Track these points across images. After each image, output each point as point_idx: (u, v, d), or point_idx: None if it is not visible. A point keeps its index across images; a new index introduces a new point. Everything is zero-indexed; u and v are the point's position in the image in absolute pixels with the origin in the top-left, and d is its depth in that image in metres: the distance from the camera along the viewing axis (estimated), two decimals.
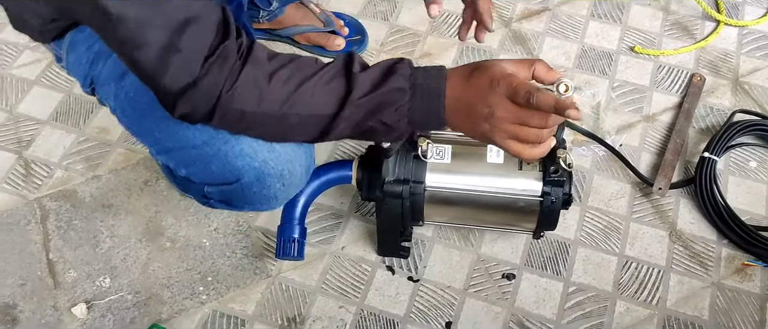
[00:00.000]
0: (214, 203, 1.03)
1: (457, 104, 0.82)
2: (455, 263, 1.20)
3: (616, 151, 1.30)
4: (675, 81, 1.44)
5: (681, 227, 1.24)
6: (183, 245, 1.22)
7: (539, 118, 0.79)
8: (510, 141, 0.82)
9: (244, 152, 0.89)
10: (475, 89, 0.81)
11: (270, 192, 0.94)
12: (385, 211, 1.09)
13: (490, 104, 0.80)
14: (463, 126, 0.84)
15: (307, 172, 0.99)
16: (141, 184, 1.30)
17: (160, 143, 0.95)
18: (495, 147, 1.08)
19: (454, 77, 0.83)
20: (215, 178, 0.93)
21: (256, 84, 0.79)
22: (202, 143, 0.90)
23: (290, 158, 0.93)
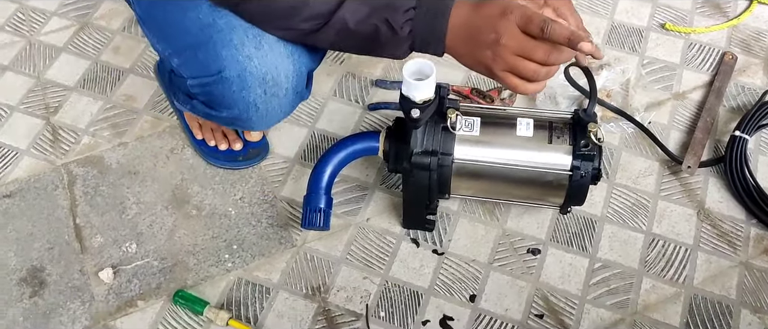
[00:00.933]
0: (196, 105, 1.03)
1: (461, 29, 0.82)
2: (480, 237, 1.20)
3: (645, 128, 1.28)
4: (706, 59, 1.42)
5: (709, 206, 1.23)
6: (209, 214, 1.23)
7: (544, 51, 0.80)
8: (507, 73, 0.83)
9: (232, 43, 0.90)
10: (485, 15, 0.82)
11: (250, 96, 0.94)
12: (411, 183, 1.09)
13: (499, 30, 0.80)
14: (464, 52, 0.84)
15: (295, 91, 0.98)
16: (167, 152, 1.30)
17: (163, 30, 0.96)
18: (524, 120, 1.08)
19: (463, 2, 0.83)
20: (200, 69, 0.94)
21: None
22: (198, 30, 0.91)
23: (276, 63, 0.92)
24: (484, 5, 0.83)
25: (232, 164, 1.26)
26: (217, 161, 1.27)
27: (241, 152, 1.26)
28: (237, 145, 1.26)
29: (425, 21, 0.83)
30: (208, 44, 0.91)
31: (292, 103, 1.01)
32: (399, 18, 0.83)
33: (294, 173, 1.27)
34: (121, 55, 1.43)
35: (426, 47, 0.87)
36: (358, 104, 1.36)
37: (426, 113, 1.01)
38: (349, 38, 0.86)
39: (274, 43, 0.91)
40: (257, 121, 0.99)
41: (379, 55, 0.90)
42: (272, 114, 0.99)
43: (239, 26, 0.89)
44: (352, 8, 0.82)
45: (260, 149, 1.27)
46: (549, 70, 0.84)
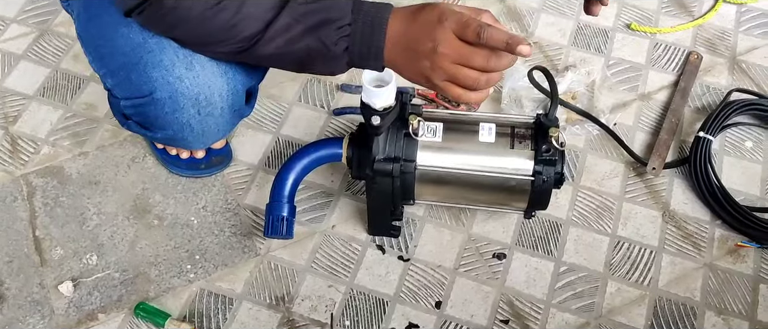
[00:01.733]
0: (132, 125, 1.02)
1: (399, 39, 0.81)
2: (446, 242, 1.19)
3: (610, 130, 1.28)
4: (671, 59, 1.42)
5: (674, 207, 1.23)
6: (171, 223, 1.21)
7: (482, 57, 0.79)
8: (448, 83, 0.82)
9: (163, 64, 0.89)
10: (421, 24, 0.81)
11: (183, 117, 0.93)
12: (375, 190, 1.08)
13: (435, 38, 0.79)
14: (403, 63, 0.83)
15: (231, 109, 0.97)
16: (128, 161, 1.28)
17: (98, 49, 0.95)
18: (487, 125, 1.07)
19: (400, 13, 0.83)
20: (133, 90, 0.93)
21: None
22: (130, 49, 0.90)
23: (209, 83, 0.91)
24: (420, 14, 0.82)
25: (195, 173, 1.24)
26: (179, 169, 1.25)
27: (204, 160, 1.24)
28: (199, 153, 1.24)
29: (362, 37, 0.82)
30: (139, 65, 0.89)
31: (230, 121, 1.00)
32: (333, 35, 0.82)
33: (258, 180, 1.26)
34: (81, 62, 1.40)
35: (365, 63, 0.86)
36: (324, 108, 1.35)
37: (387, 120, 1.00)
38: (283, 57, 0.85)
39: (206, 63, 0.90)
40: (193, 140, 0.97)
41: (317, 73, 0.89)
42: (209, 133, 0.98)
43: (170, 46, 0.88)
44: (284, 26, 0.81)
45: (223, 156, 1.26)
46: (490, 78, 0.83)
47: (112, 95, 1.01)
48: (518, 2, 1.51)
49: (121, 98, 0.96)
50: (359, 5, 0.83)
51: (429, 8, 0.82)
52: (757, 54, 1.43)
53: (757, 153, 1.29)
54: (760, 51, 1.44)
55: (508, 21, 1.48)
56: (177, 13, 0.80)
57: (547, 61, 1.41)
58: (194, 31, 0.84)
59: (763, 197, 1.24)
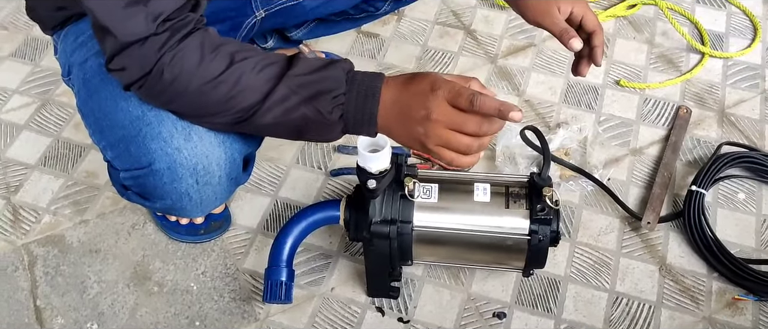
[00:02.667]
0: (131, 196, 1.03)
1: (392, 106, 0.85)
2: (446, 302, 1.19)
3: (604, 185, 1.30)
4: (661, 114, 1.45)
5: (671, 261, 1.24)
6: (171, 290, 1.21)
7: (474, 124, 0.83)
8: (441, 148, 0.85)
9: (161, 136, 0.91)
10: (414, 92, 0.84)
11: (182, 187, 0.94)
12: (372, 252, 1.09)
13: (428, 106, 0.83)
14: (397, 129, 0.87)
15: (229, 177, 0.99)
16: (128, 228, 1.29)
17: (98, 122, 0.97)
18: (481, 185, 1.09)
19: (392, 82, 0.86)
20: (132, 162, 0.94)
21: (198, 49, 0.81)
22: (129, 122, 0.92)
23: (206, 153, 0.93)
24: (413, 82, 0.85)
25: (194, 238, 1.25)
26: (178, 235, 1.26)
27: (203, 225, 1.26)
28: (198, 219, 1.25)
29: (355, 105, 0.85)
30: (138, 138, 0.92)
31: (228, 189, 1.01)
32: (328, 104, 0.84)
33: (257, 243, 1.27)
34: (82, 131, 1.42)
35: (358, 130, 0.89)
36: (321, 170, 1.37)
37: (382, 183, 1.02)
38: (280, 127, 0.87)
39: (204, 133, 0.92)
40: (192, 209, 0.99)
41: (313, 140, 0.92)
42: (207, 202, 0.99)
43: (168, 118, 0.90)
44: (281, 98, 0.83)
45: (222, 221, 1.27)
46: (482, 142, 0.86)
47: (111, 167, 1.03)
48: (509, 62, 1.55)
49: (121, 169, 0.98)
50: (353, 75, 0.86)
51: (421, 77, 0.85)
52: (745, 107, 1.46)
53: (750, 205, 1.31)
54: (748, 104, 1.47)
55: (499, 80, 1.51)
56: (175, 86, 0.83)
57: (538, 119, 1.44)
58: (192, 104, 0.86)
59: (758, 249, 1.25)
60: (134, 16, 0.78)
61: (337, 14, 1.23)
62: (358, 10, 1.25)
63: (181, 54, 0.81)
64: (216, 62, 0.82)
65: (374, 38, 1.60)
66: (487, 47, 1.58)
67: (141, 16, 0.78)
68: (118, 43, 0.80)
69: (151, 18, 0.79)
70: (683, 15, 1.64)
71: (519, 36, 1.60)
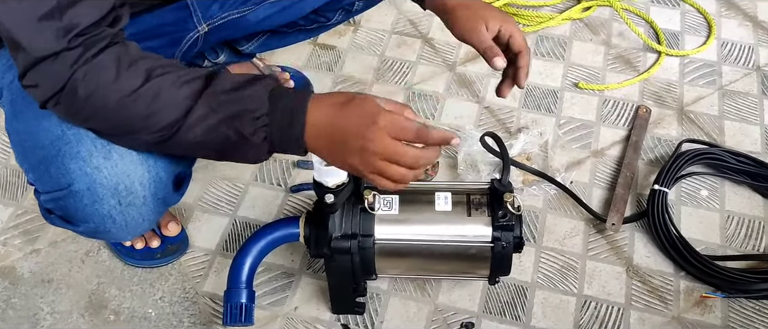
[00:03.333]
0: (55, 220, 0.98)
1: (325, 129, 0.82)
2: (412, 315, 1.17)
3: (566, 189, 1.29)
4: (621, 114, 1.45)
5: (637, 262, 1.23)
6: (128, 318, 1.17)
7: (412, 156, 0.83)
8: (376, 175, 0.84)
9: (80, 155, 0.87)
10: (350, 120, 0.82)
11: (104, 208, 0.90)
12: (334, 268, 1.06)
13: (367, 137, 0.81)
14: (328, 153, 0.85)
15: (155, 197, 0.94)
16: (82, 255, 1.24)
17: (22, 143, 0.93)
18: (442, 194, 1.07)
19: (322, 102, 0.83)
20: (52, 184, 0.90)
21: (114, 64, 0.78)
22: (49, 142, 0.88)
23: (128, 172, 0.89)
24: (349, 107, 0.82)
25: (150, 262, 1.21)
26: (134, 260, 1.22)
27: (159, 249, 1.21)
28: (154, 242, 1.21)
29: (280, 126, 0.82)
30: (57, 158, 0.88)
31: (155, 210, 0.96)
32: (250, 126, 0.81)
33: (216, 265, 1.23)
34: None
35: (286, 151, 0.86)
36: (281, 186, 1.33)
37: (341, 197, 0.99)
38: (203, 146, 0.84)
39: (126, 151, 0.88)
40: (117, 233, 0.94)
41: (238, 161, 0.88)
42: (133, 224, 0.94)
43: (87, 137, 0.86)
44: (201, 117, 0.80)
45: (179, 244, 1.23)
46: (418, 172, 0.86)
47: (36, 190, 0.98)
48: (468, 69, 1.54)
49: (42, 192, 0.94)
50: (277, 94, 0.82)
51: (357, 102, 0.83)
52: (703, 104, 1.47)
53: (713, 201, 1.30)
54: (706, 100, 1.47)
55: (458, 88, 1.50)
56: (91, 103, 0.79)
57: (499, 125, 1.43)
58: (110, 122, 0.82)
59: (723, 245, 1.25)
60: (46, 31, 0.75)
61: (287, 26, 1.20)
62: (309, 21, 1.22)
63: (95, 70, 0.78)
64: (133, 78, 0.79)
65: (331, 50, 1.58)
66: (445, 55, 1.57)
67: (53, 30, 0.75)
68: (29, 57, 0.77)
69: (62, 32, 0.75)
70: (638, 15, 1.65)
71: None
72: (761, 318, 1.15)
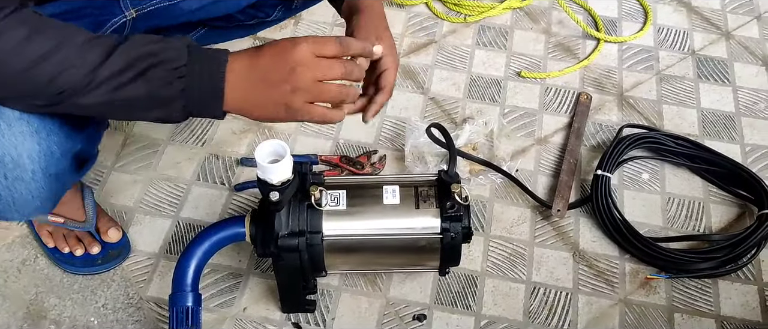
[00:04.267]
0: None
1: (246, 74, 0.81)
2: (364, 310, 1.16)
3: (512, 177, 1.30)
4: (563, 102, 1.46)
5: (583, 246, 1.24)
6: (69, 327, 1.12)
7: (341, 66, 0.83)
8: (310, 105, 0.83)
9: None
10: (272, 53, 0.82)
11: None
12: (283, 266, 1.04)
13: (292, 59, 0.80)
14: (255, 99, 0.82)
15: (46, 173, 0.88)
16: (18, 264, 1.19)
17: None
18: (390, 187, 1.06)
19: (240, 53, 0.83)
20: None
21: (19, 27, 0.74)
22: None
23: (15, 143, 0.83)
24: (266, 47, 0.82)
25: (91, 269, 1.17)
26: (74, 268, 1.17)
27: (99, 255, 1.17)
28: (94, 248, 1.17)
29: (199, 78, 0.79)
30: None
31: (47, 187, 0.90)
32: (166, 77, 0.78)
33: (160, 269, 1.19)
34: None
35: (204, 107, 0.83)
36: (224, 185, 1.30)
37: (286, 194, 0.97)
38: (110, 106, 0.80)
39: (15, 121, 0.83)
40: (6, 210, 0.88)
41: (151, 120, 0.84)
42: (22, 201, 0.88)
43: None
44: (111, 73, 0.76)
45: (120, 249, 1.19)
46: (350, 91, 0.86)
47: None
48: (411, 61, 1.53)
49: None
50: (195, 47, 0.80)
51: (274, 41, 0.83)
52: (642, 89, 1.50)
53: (654, 184, 1.33)
54: (645, 85, 1.50)
55: (403, 80, 1.49)
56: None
57: (445, 115, 1.43)
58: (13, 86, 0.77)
59: (665, 227, 1.27)
60: None
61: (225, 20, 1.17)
62: (247, 16, 1.19)
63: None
64: (39, 41, 0.75)
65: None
66: None
67: None
68: None
69: None
70: (577, 3, 1.67)
71: (419, 34, 1.59)
72: (703, 297, 1.18)
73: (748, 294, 1.19)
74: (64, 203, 1.15)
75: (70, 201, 1.17)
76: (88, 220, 1.18)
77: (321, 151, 1.35)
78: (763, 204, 1.25)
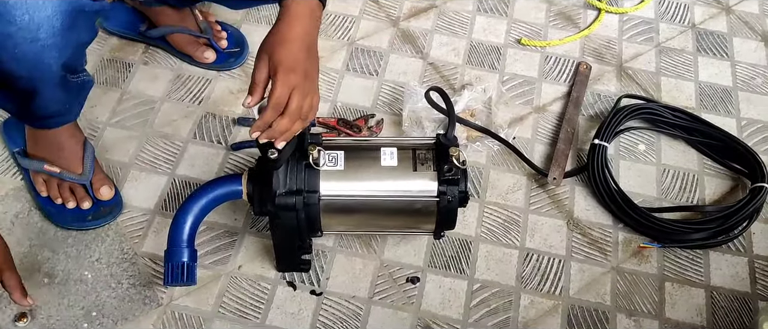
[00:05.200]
0: None
1: None
2: (359, 271, 1.16)
3: (509, 144, 1.30)
4: (563, 71, 1.46)
5: (578, 215, 1.25)
6: (62, 281, 1.12)
7: None
8: None
9: None
10: None
11: None
12: (279, 225, 1.04)
13: None
14: None
15: (50, 26, 0.89)
16: (12, 217, 1.19)
17: None
18: (388, 149, 1.06)
19: None
20: None
21: None
22: None
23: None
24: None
25: (81, 224, 1.17)
26: (64, 222, 1.17)
27: (90, 211, 1.17)
28: (85, 203, 1.17)
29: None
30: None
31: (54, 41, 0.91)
32: None
33: (155, 225, 1.19)
34: None
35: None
36: (221, 144, 1.30)
37: (285, 152, 0.97)
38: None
39: None
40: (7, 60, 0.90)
41: None
42: (24, 44, 0.89)
43: None
44: None
45: (112, 206, 1.19)
46: None
47: None
48: (411, 25, 1.52)
49: None
50: None
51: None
52: (641, 60, 1.49)
53: (650, 155, 1.34)
54: (644, 57, 1.50)
55: (402, 44, 1.48)
56: None
57: (443, 81, 1.42)
58: None
59: (659, 198, 1.28)
60: None
61: None
62: None
63: None
64: None
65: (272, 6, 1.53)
66: (388, 10, 1.54)
67: None
68: None
69: None
70: None
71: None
72: (694, 266, 1.20)
73: (738, 266, 1.20)
74: (63, 152, 1.15)
75: (70, 152, 1.17)
76: (85, 173, 1.17)
77: (318, 113, 1.35)
78: (756, 177, 1.26)
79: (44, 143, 1.17)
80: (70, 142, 1.17)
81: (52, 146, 1.17)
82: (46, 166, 1.16)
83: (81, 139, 1.19)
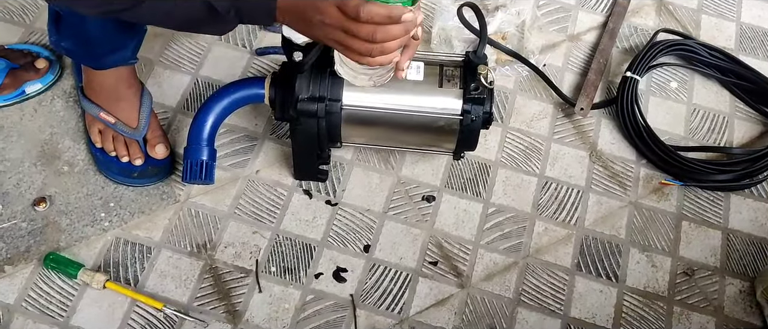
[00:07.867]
0: None
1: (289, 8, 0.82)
2: (375, 186, 1.16)
3: (539, 71, 1.27)
4: (600, 0, 1.41)
5: (601, 147, 1.23)
6: (82, 170, 1.14)
7: (366, 31, 0.80)
8: (343, 48, 0.84)
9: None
10: None
11: None
12: (299, 131, 1.04)
13: (321, 10, 0.81)
14: (298, 27, 0.86)
15: None
16: (34, 104, 1.19)
17: None
18: (415, 63, 1.04)
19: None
20: None
21: None
22: None
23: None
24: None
25: (124, 180, 1.13)
26: (110, 172, 1.13)
27: (139, 168, 1.12)
28: (137, 161, 1.12)
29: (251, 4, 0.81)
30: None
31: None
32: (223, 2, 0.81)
33: (176, 123, 1.19)
34: None
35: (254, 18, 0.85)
36: (246, 48, 1.28)
37: (310, 55, 0.95)
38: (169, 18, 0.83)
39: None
40: None
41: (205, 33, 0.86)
42: None
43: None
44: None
45: (160, 168, 1.14)
46: (384, 47, 0.82)
47: None
48: None
49: None
50: None
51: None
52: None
53: (682, 93, 1.30)
54: None
55: None
56: None
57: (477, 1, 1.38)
58: None
59: (686, 137, 1.26)
60: None
61: None
62: None
63: None
64: None
65: None
66: None
67: None
68: None
69: None
70: None
71: None
72: (713, 208, 1.18)
73: (759, 211, 1.19)
74: (120, 103, 1.12)
75: (127, 103, 1.12)
76: (139, 128, 1.12)
77: None
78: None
79: (99, 88, 1.12)
80: (127, 92, 1.12)
81: (108, 93, 1.11)
82: (102, 113, 1.11)
83: (139, 90, 1.14)
